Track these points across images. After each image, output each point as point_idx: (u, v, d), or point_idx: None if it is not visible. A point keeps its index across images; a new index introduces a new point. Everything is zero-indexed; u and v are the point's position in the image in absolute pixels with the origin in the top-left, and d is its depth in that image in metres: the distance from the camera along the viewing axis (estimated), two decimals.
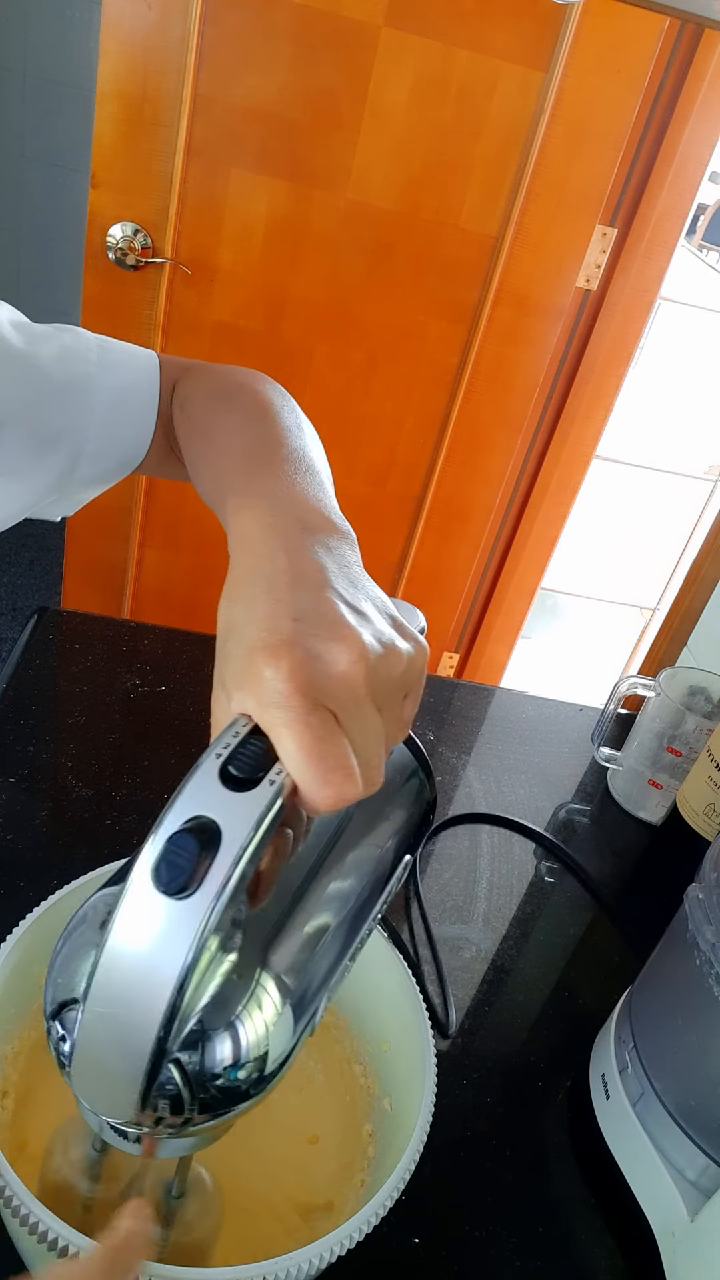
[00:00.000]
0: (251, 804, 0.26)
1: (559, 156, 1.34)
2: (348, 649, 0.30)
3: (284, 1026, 0.29)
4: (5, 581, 2.44)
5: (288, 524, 0.36)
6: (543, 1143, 0.55)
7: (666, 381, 1.77)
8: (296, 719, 0.28)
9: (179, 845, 0.26)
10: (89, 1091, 0.28)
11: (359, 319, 1.48)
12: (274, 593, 0.32)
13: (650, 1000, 0.53)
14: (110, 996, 0.26)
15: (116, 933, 0.26)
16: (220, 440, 0.48)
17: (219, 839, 0.26)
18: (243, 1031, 0.28)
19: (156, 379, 0.56)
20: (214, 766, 0.27)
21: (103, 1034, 0.26)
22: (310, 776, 0.27)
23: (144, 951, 0.25)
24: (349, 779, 0.28)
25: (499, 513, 1.70)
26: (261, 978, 0.29)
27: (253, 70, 1.29)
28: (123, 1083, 0.27)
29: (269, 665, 0.29)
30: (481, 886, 0.72)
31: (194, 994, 0.26)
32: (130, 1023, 0.26)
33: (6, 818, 0.67)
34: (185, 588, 1.76)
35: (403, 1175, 0.38)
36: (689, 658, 1.14)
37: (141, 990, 0.25)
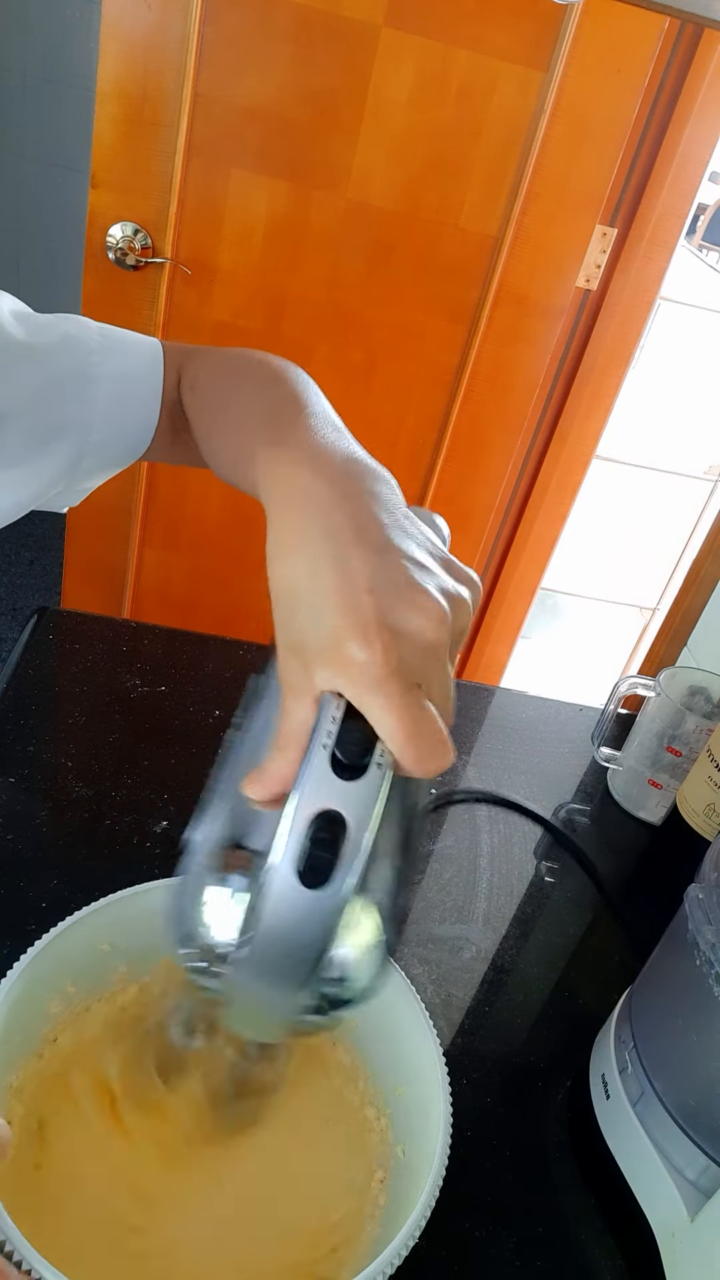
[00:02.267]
0: (365, 791, 0.29)
1: (559, 156, 1.34)
2: (429, 619, 0.30)
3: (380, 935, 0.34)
4: (5, 581, 2.44)
5: (330, 471, 0.35)
6: (543, 1143, 0.55)
7: (666, 381, 1.77)
8: (396, 701, 0.29)
9: (314, 844, 0.29)
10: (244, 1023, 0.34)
11: (359, 319, 1.48)
12: (339, 556, 0.31)
13: (650, 1000, 0.53)
14: (266, 969, 0.30)
15: (267, 920, 0.29)
16: (237, 409, 0.47)
17: (344, 829, 0.29)
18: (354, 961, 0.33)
19: (160, 365, 0.56)
20: (325, 757, 0.29)
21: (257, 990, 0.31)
22: (414, 755, 0.29)
23: (291, 937, 0.29)
24: (447, 750, 0.30)
25: (499, 513, 1.70)
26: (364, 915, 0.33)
27: (253, 70, 1.29)
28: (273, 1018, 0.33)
29: (362, 648, 0.29)
30: (481, 886, 0.72)
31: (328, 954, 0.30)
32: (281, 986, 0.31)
33: (6, 818, 0.67)
34: (185, 588, 1.76)
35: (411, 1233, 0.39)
36: (689, 658, 1.14)
37: (293, 961, 0.30)
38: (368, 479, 0.35)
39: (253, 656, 0.90)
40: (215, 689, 0.85)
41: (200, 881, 0.34)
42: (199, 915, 0.33)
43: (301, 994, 0.31)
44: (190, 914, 0.33)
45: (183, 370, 0.57)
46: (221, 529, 1.66)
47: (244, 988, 0.31)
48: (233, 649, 0.91)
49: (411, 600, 0.30)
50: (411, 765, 0.29)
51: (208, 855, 0.34)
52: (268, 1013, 0.32)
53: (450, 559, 0.34)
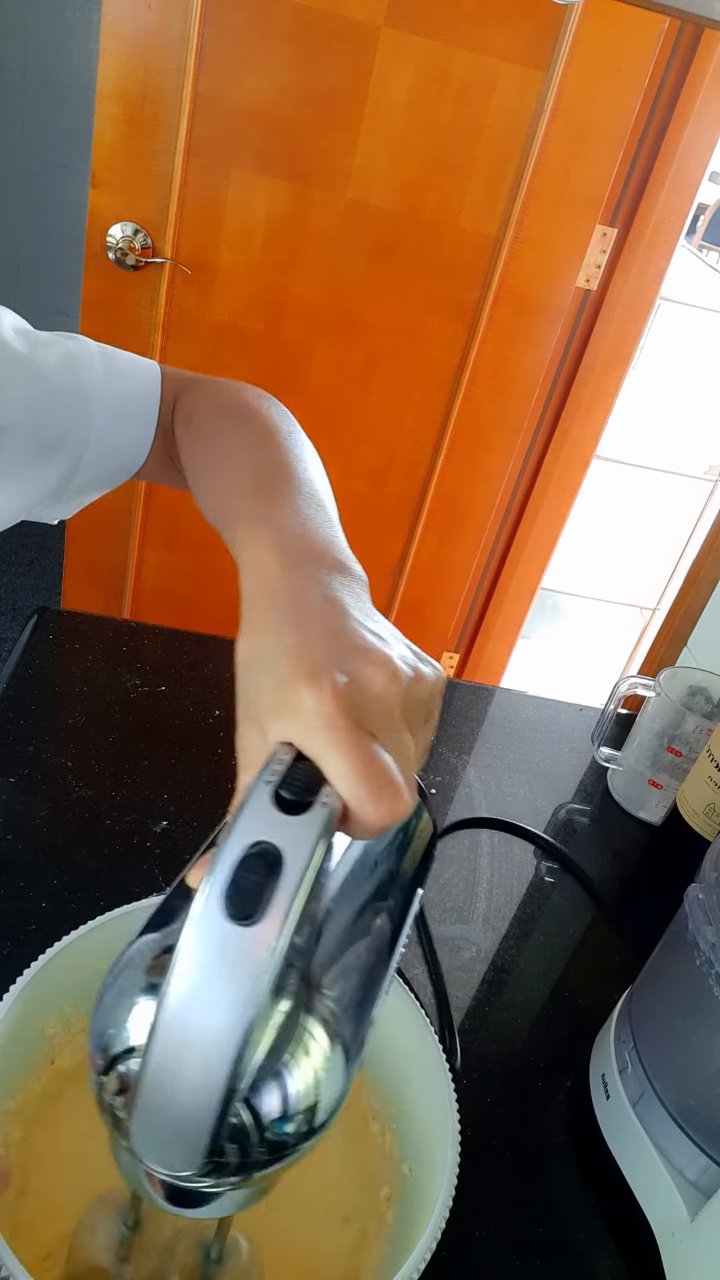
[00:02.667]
0: (308, 826, 0.26)
1: (559, 156, 1.34)
2: (381, 670, 0.30)
3: (340, 1063, 0.29)
4: (5, 581, 2.44)
5: (304, 559, 0.36)
6: (543, 1143, 0.55)
7: (666, 381, 1.77)
8: (343, 739, 0.28)
9: (247, 871, 0.25)
10: (150, 1145, 0.27)
11: (359, 319, 1.48)
12: (299, 623, 0.32)
13: (650, 1000, 0.53)
14: (180, 1034, 0.25)
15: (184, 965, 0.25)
16: (227, 462, 0.48)
17: (280, 863, 0.26)
18: (306, 1069, 0.28)
19: (158, 388, 0.57)
20: (266, 792, 0.27)
21: (170, 1078, 0.25)
22: (363, 795, 0.28)
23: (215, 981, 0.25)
24: (399, 795, 0.28)
25: (499, 513, 1.70)
26: (316, 1013, 0.29)
27: (253, 70, 1.29)
28: (190, 1130, 0.26)
29: (310, 690, 0.29)
30: (481, 887, 0.72)
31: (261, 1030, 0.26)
32: (202, 1061, 0.25)
33: (6, 818, 0.67)
34: (185, 588, 1.76)
35: (423, 1256, 0.38)
36: (689, 658, 1.14)
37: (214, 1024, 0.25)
38: (337, 571, 0.36)
39: None
40: (215, 689, 0.85)
41: (125, 984, 0.30)
42: (119, 1021, 0.29)
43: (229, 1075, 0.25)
44: (109, 1022, 0.29)
45: (179, 399, 0.57)
46: None
47: (159, 1058, 0.25)
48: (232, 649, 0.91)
49: (364, 653, 0.31)
50: (362, 806, 0.28)
51: (139, 957, 0.30)
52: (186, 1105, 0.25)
53: (414, 647, 0.34)
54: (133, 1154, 0.27)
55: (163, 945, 0.30)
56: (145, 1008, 0.28)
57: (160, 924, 0.31)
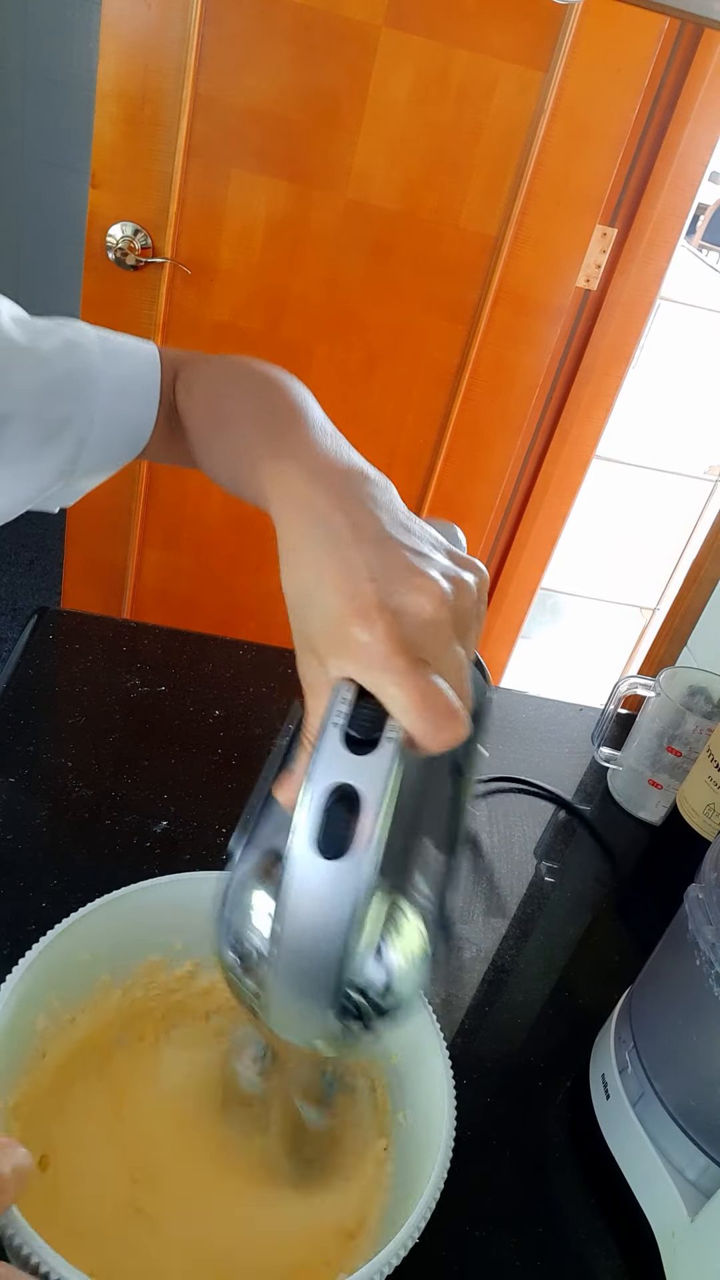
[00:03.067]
0: (379, 764, 0.29)
1: (559, 156, 1.34)
2: (428, 597, 0.31)
3: (423, 937, 0.34)
4: (5, 581, 2.44)
5: (329, 479, 0.36)
6: (543, 1143, 0.55)
7: (666, 381, 1.77)
8: (402, 678, 0.30)
9: (330, 815, 0.29)
10: (282, 1020, 0.33)
11: (359, 319, 1.48)
12: (340, 553, 0.33)
13: (650, 1000, 0.53)
14: (295, 958, 0.30)
15: (290, 899, 0.29)
16: (233, 415, 0.48)
17: (359, 802, 0.29)
18: (402, 952, 0.33)
19: (157, 368, 0.57)
20: (337, 735, 0.30)
21: (292, 986, 0.31)
22: (425, 728, 0.30)
23: (316, 911, 0.29)
24: (459, 721, 0.30)
25: (499, 513, 1.70)
26: (406, 898, 0.33)
27: (253, 70, 1.29)
28: (312, 1010, 0.31)
29: (364, 630, 0.30)
30: (481, 886, 0.72)
31: (359, 934, 0.30)
32: (313, 977, 0.30)
33: (6, 818, 0.67)
34: (185, 588, 1.76)
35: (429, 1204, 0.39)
36: (689, 658, 1.14)
37: (321, 948, 0.29)
38: (365, 484, 0.36)
39: (253, 656, 0.90)
40: (215, 689, 0.85)
41: (240, 888, 0.34)
42: (239, 920, 0.34)
43: (337, 982, 0.30)
44: (231, 920, 0.34)
45: (179, 373, 0.58)
46: (221, 529, 1.66)
47: (280, 977, 0.31)
48: (233, 649, 0.91)
49: (409, 580, 0.32)
50: (424, 738, 0.30)
51: (244, 867, 0.34)
52: (307, 1002, 0.31)
53: (452, 548, 0.35)
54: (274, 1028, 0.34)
55: (262, 856, 0.34)
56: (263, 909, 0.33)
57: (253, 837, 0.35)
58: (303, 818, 0.29)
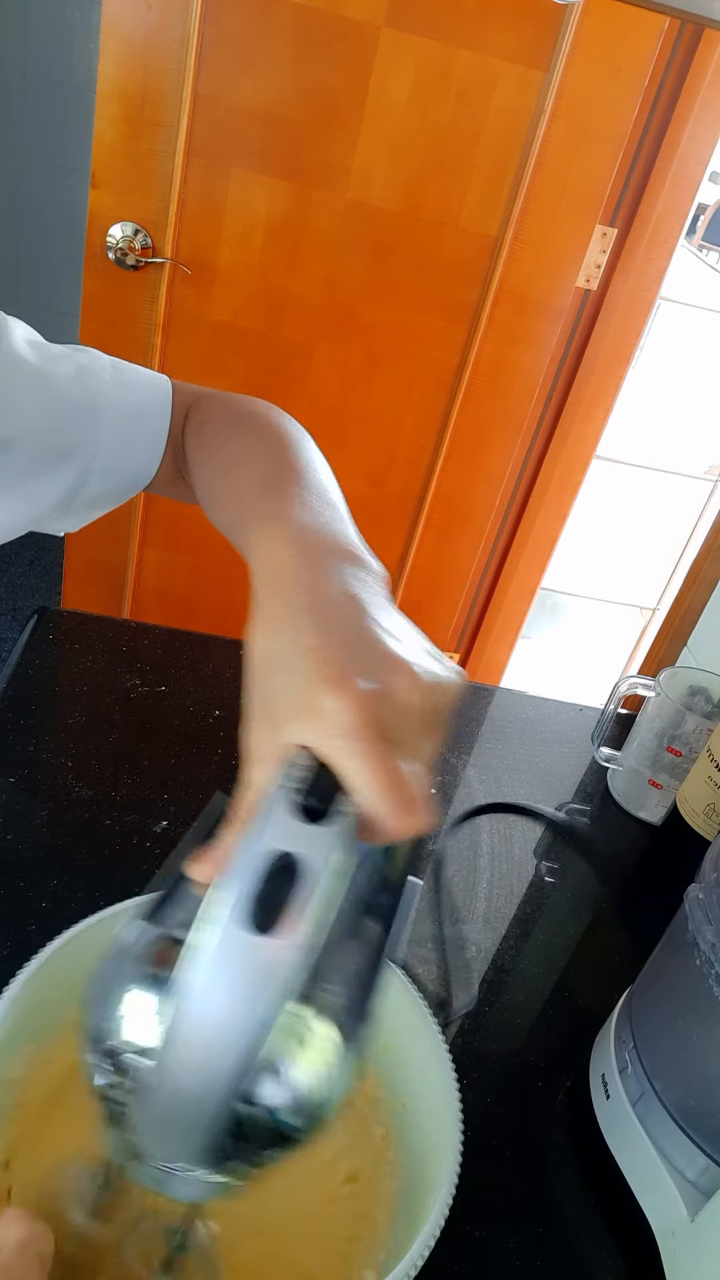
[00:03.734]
0: (329, 837, 0.26)
1: (559, 156, 1.34)
2: (406, 681, 0.30)
3: (343, 1056, 0.29)
4: (5, 581, 2.44)
5: (318, 553, 0.35)
6: (543, 1143, 0.55)
7: (666, 381, 1.77)
8: (367, 751, 0.28)
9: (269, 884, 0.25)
10: (157, 1140, 0.27)
11: (359, 319, 1.48)
12: (318, 624, 0.31)
13: (650, 1000, 0.53)
14: (197, 1039, 0.25)
15: (203, 972, 0.25)
16: (237, 468, 0.47)
17: (303, 874, 0.25)
18: (312, 1065, 0.28)
19: (169, 402, 0.56)
20: (285, 800, 0.27)
21: (183, 1080, 0.25)
22: (386, 809, 0.28)
23: (235, 992, 0.25)
24: (420, 809, 0.28)
25: (499, 513, 1.70)
26: (321, 1009, 0.29)
27: (253, 70, 1.29)
28: (200, 1127, 0.26)
29: (333, 698, 0.28)
30: (481, 886, 0.72)
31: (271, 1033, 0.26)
32: (217, 1065, 0.25)
33: (6, 818, 0.67)
34: (185, 588, 1.76)
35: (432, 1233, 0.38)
36: (689, 658, 1.14)
37: (232, 1033, 0.25)
38: (351, 563, 0.35)
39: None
40: (215, 689, 0.85)
41: (123, 974, 0.29)
42: (117, 1011, 0.28)
43: (239, 1079, 0.25)
44: (107, 1010, 0.29)
45: (190, 412, 0.57)
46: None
47: (172, 1070, 0.25)
48: (233, 649, 0.91)
49: (387, 661, 0.30)
50: (384, 817, 0.28)
51: (137, 947, 0.30)
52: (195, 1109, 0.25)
53: (433, 649, 0.34)
54: (134, 1147, 0.27)
55: (159, 935, 0.29)
56: (145, 1002, 0.28)
57: (155, 912, 0.30)
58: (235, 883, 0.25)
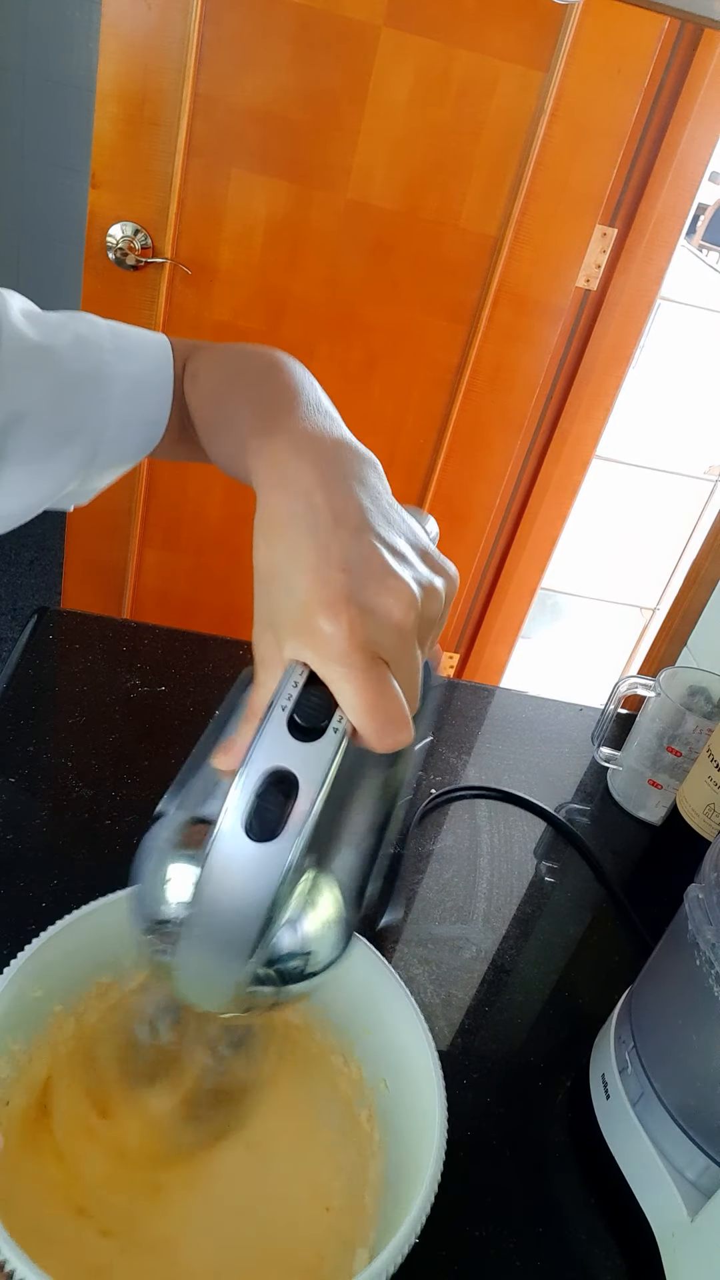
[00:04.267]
0: (320, 753, 0.29)
1: (559, 156, 1.34)
2: (398, 601, 0.31)
3: (344, 912, 0.34)
4: (5, 581, 2.44)
5: (316, 457, 0.36)
6: (543, 1143, 0.55)
7: (666, 381, 1.77)
8: (358, 674, 0.30)
9: (264, 798, 0.29)
10: (191, 989, 0.33)
11: (359, 319, 1.48)
12: (317, 537, 0.32)
13: (650, 1000, 0.53)
14: (211, 927, 0.30)
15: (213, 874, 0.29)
16: (234, 400, 0.48)
17: (296, 788, 0.29)
18: (316, 922, 0.33)
19: (170, 362, 0.56)
20: (282, 719, 0.30)
21: (204, 951, 0.31)
22: (373, 728, 0.30)
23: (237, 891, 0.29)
24: (406, 727, 0.31)
25: (499, 513, 1.70)
26: (327, 872, 0.33)
27: (253, 70, 1.29)
28: (221, 984, 0.32)
29: (329, 621, 0.30)
30: (481, 886, 0.72)
31: (278, 917, 0.30)
32: (228, 947, 0.30)
33: (6, 818, 0.67)
34: (185, 588, 1.76)
35: (419, 1218, 0.39)
36: (689, 658, 1.14)
37: (239, 923, 0.30)
38: (354, 464, 0.36)
39: (253, 656, 0.90)
40: (215, 689, 0.84)
41: (160, 854, 0.34)
42: (158, 887, 0.33)
43: (252, 957, 0.30)
44: (149, 887, 0.34)
45: (187, 363, 0.57)
46: (221, 529, 1.66)
47: (194, 947, 0.31)
48: (233, 649, 0.91)
49: (382, 581, 0.31)
50: (370, 736, 0.30)
51: (169, 830, 0.34)
52: (217, 977, 0.32)
53: (429, 549, 0.35)
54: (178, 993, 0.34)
55: (188, 818, 0.34)
56: (182, 878, 0.33)
57: (177, 799, 0.35)
58: (235, 797, 0.29)
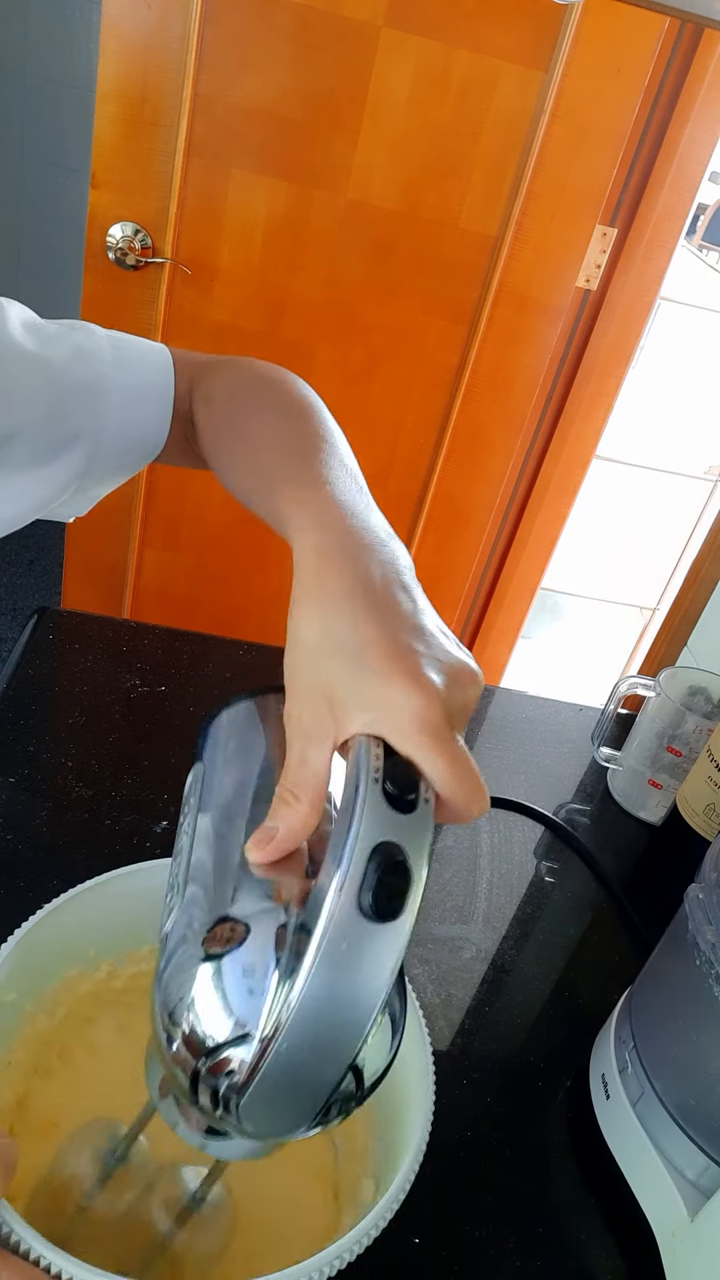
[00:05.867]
0: (419, 824, 0.28)
1: (559, 156, 1.34)
2: (470, 680, 0.33)
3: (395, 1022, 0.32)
4: (5, 581, 2.44)
5: (363, 540, 0.37)
6: (543, 1143, 0.55)
7: (666, 381, 1.77)
8: (446, 745, 0.30)
9: (390, 874, 0.27)
10: (264, 1118, 0.28)
11: (359, 319, 1.48)
12: (376, 613, 0.33)
13: (650, 1000, 0.53)
14: (320, 1020, 0.27)
15: (326, 955, 0.26)
16: (256, 437, 0.48)
17: (405, 862, 0.27)
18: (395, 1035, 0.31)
19: (171, 375, 0.56)
20: (378, 790, 0.28)
21: (304, 1057, 0.27)
22: (462, 798, 0.30)
23: (352, 977, 0.27)
24: (486, 797, 0.31)
25: (499, 513, 1.70)
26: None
27: (253, 70, 1.29)
28: (310, 1099, 0.28)
29: (416, 695, 0.30)
30: (481, 886, 0.72)
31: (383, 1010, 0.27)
32: (338, 1042, 0.27)
33: (6, 818, 0.67)
34: (185, 588, 1.76)
35: (406, 1179, 0.38)
36: (689, 658, 1.14)
37: (353, 1012, 0.27)
38: (394, 547, 0.37)
39: (253, 656, 0.90)
40: (215, 689, 0.85)
41: (192, 968, 0.29)
42: (208, 1011, 0.28)
43: (353, 1059, 0.27)
44: (185, 1007, 0.29)
45: (196, 382, 0.56)
46: (221, 529, 1.66)
47: (287, 1055, 0.27)
48: (233, 649, 0.91)
49: (451, 658, 0.33)
50: (459, 807, 0.30)
51: (193, 939, 0.30)
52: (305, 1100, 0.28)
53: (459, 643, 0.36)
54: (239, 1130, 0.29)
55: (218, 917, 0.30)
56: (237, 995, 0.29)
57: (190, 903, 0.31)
58: (345, 870, 0.27)
